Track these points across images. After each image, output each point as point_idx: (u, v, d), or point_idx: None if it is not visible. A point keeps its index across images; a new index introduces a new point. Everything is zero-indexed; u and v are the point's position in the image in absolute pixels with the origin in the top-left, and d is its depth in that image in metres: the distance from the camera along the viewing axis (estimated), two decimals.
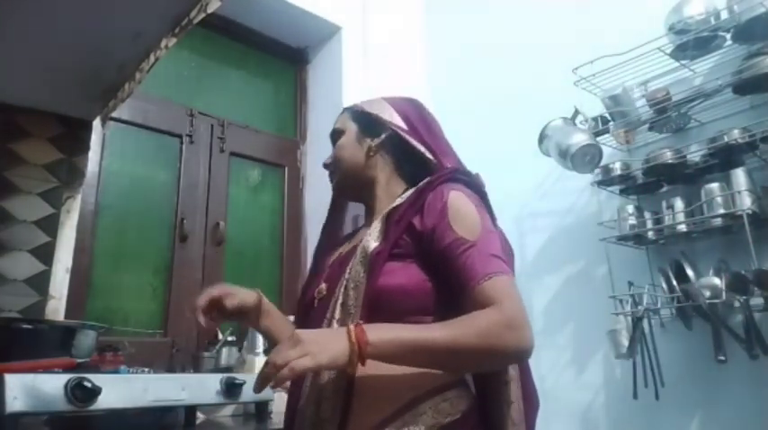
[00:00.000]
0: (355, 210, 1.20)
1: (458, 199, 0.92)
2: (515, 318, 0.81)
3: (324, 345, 0.76)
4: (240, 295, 1.08)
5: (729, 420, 1.70)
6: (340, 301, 0.92)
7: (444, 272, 0.88)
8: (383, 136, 1.07)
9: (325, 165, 1.15)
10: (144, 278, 1.97)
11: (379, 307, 0.87)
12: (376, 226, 0.96)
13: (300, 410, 0.91)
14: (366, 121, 1.10)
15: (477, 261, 0.85)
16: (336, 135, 1.13)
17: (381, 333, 0.78)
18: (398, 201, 0.98)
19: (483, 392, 0.93)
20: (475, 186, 0.99)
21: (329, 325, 0.92)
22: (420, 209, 0.93)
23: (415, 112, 1.10)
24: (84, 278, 1.79)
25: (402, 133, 1.06)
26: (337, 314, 0.91)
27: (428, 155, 1.04)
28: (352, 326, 0.78)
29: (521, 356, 0.85)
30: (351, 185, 1.11)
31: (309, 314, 0.98)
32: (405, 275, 0.89)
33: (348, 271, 0.94)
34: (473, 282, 0.83)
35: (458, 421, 0.85)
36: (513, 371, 0.91)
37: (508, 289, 0.84)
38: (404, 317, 0.87)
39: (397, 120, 1.07)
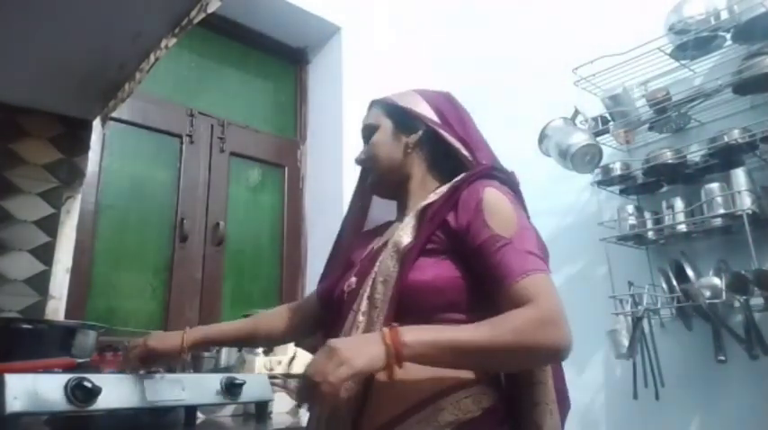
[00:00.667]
0: (382, 205, 1.19)
1: (493, 195, 0.91)
2: (551, 315, 0.79)
3: (359, 351, 0.75)
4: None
5: (729, 420, 1.70)
6: (367, 294, 0.91)
7: (479, 269, 0.87)
8: (420, 132, 1.06)
9: (360, 161, 1.12)
10: (144, 278, 1.97)
11: (409, 302, 0.87)
12: (408, 221, 0.96)
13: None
14: (401, 117, 1.08)
15: (513, 258, 0.84)
16: (370, 131, 1.10)
17: (417, 334, 0.77)
18: (432, 197, 0.97)
19: (511, 391, 0.92)
20: (510, 183, 1.00)
21: (355, 317, 0.91)
22: (454, 205, 0.92)
23: (448, 106, 1.09)
24: (84, 278, 1.79)
25: (438, 129, 1.04)
26: (363, 307, 0.91)
27: (463, 151, 1.02)
28: (386, 329, 0.77)
29: (558, 354, 0.81)
30: (387, 183, 1.09)
31: (341, 308, 0.97)
32: (436, 271, 0.88)
33: (377, 264, 0.93)
34: (509, 280, 0.82)
35: (479, 418, 0.84)
36: (540, 372, 0.90)
37: (544, 286, 0.82)
38: (433, 313, 0.86)
39: (432, 115, 1.06)
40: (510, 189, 0.97)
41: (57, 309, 1.58)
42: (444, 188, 0.97)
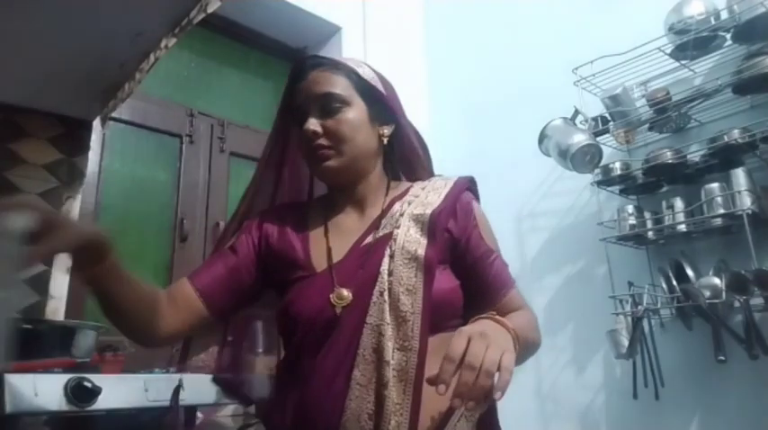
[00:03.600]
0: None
1: (479, 209, 0.98)
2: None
3: (503, 337, 0.75)
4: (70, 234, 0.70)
5: (729, 420, 1.70)
6: (387, 305, 0.84)
7: (474, 278, 0.92)
8: (393, 126, 0.99)
9: (316, 135, 0.92)
10: (144, 278, 1.96)
11: (435, 312, 0.85)
12: (409, 226, 0.91)
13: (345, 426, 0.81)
14: (376, 103, 0.97)
15: (503, 270, 0.95)
16: (337, 102, 0.93)
17: (512, 322, 0.79)
18: (419, 201, 0.94)
19: None
20: (478, 196, 1.03)
21: (379, 332, 0.83)
22: (454, 214, 0.94)
23: (396, 94, 1.03)
24: None
25: (406, 129, 1.02)
26: (388, 319, 0.83)
27: (419, 151, 1.05)
28: (495, 316, 0.79)
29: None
30: (352, 172, 0.96)
31: (330, 321, 0.86)
32: (447, 281, 0.90)
33: (386, 273, 0.86)
34: (504, 290, 0.93)
35: (489, 409, 0.86)
36: None
37: (522, 295, 0.96)
38: (446, 322, 0.87)
39: (401, 111, 1.01)
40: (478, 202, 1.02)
41: (57, 308, 1.58)
42: (421, 191, 0.97)
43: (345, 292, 0.87)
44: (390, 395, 0.79)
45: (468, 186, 0.99)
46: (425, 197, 0.95)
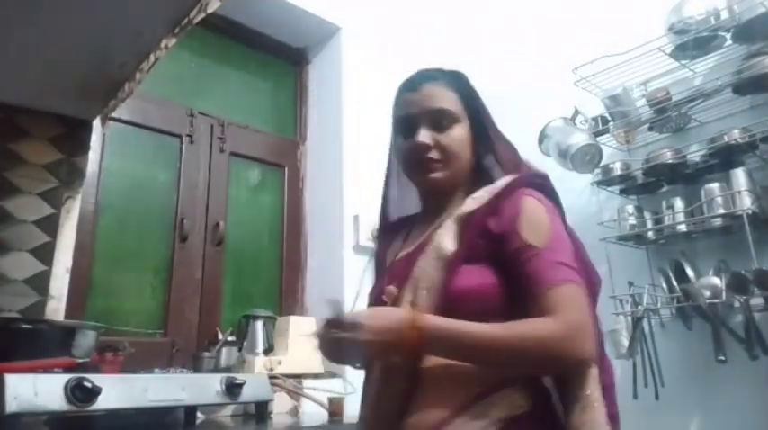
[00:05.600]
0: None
1: (531, 204, 0.92)
2: (575, 329, 0.81)
3: (381, 317, 0.82)
4: None
5: (729, 420, 1.70)
6: (409, 301, 0.91)
7: (514, 275, 0.88)
8: (487, 144, 1.03)
9: (428, 148, 0.98)
10: (144, 278, 1.97)
11: (453, 310, 0.86)
12: (449, 226, 0.94)
13: (368, 393, 0.94)
14: (480, 123, 1.03)
15: (543, 268, 0.85)
16: (448, 119, 0.99)
17: (441, 320, 0.82)
18: (471, 203, 0.95)
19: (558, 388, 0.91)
20: (550, 191, 0.99)
21: None
22: (495, 211, 0.92)
23: (485, 106, 1.07)
24: (84, 278, 1.79)
25: (502, 151, 1.03)
26: None
27: (504, 162, 1.03)
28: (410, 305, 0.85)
29: (577, 366, 0.83)
30: (451, 185, 1.01)
31: None
32: (480, 279, 0.88)
33: (417, 271, 0.92)
34: (538, 290, 0.84)
35: (528, 413, 0.84)
36: (593, 371, 0.86)
37: (572, 298, 0.83)
38: (475, 320, 0.86)
39: (496, 137, 1.04)
40: (548, 197, 0.98)
41: (57, 309, 1.58)
42: (483, 193, 0.96)
43: (392, 289, 0.95)
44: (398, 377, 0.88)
45: (524, 183, 0.95)
46: (479, 198, 0.95)
